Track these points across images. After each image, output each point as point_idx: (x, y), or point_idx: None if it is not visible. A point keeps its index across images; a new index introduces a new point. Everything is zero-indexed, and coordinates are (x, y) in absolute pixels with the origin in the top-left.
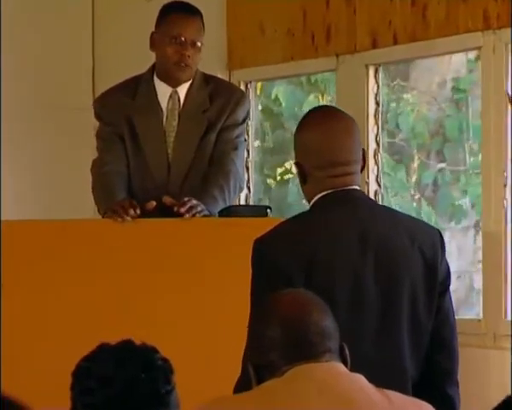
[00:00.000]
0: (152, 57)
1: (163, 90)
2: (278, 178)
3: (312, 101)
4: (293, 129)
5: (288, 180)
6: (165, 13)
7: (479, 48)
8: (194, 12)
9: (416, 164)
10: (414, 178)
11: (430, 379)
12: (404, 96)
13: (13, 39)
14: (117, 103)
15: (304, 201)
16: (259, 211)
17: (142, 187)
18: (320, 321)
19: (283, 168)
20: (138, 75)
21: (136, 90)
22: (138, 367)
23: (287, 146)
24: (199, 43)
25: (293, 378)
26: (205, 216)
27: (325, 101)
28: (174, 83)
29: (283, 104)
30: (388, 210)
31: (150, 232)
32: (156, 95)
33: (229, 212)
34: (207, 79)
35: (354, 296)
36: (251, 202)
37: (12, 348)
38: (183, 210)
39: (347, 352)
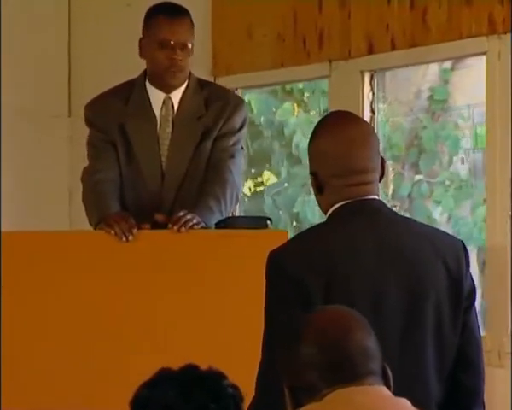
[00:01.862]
0: (132, 63)
1: (156, 95)
2: (252, 189)
3: (287, 108)
4: (269, 137)
5: (262, 191)
6: (150, 16)
7: (483, 53)
8: (181, 13)
9: (391, 175)
10: (390, 190)
11: (455, 399)
12: (380, 105)
13: None
14: (109, 109)
15: (280, 211)
16: (259, 222)
17: (135, 196)
18: (363, 341)
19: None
20: (131, 80)
21: (129, 95)
22: (206, 396)
23: (263, 155)
24: (189, 45)
25: (333, 402)
26: (201, 228)
27: (301, 109)
28: (167, 89)
29: (254, 111)
30: (409, 221)
31: (146, 245)
32: (149, 101)
33: (226, 223)
34: (202, 85)
35: (374, 311)
36: (236, 213)
37: (12, 353)
38: (176, 228)
39: (390, 374)
